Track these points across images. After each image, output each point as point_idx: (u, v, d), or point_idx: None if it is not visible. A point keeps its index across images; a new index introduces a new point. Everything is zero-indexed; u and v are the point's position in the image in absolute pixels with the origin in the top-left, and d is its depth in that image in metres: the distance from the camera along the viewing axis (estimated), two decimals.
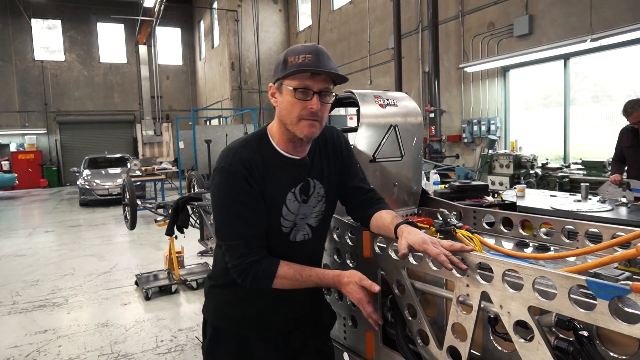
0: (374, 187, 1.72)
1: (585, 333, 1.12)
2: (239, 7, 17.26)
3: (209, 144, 10.81)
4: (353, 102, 2.12)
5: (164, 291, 5.10)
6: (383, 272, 1.59)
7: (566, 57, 7.87)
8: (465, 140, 9.83)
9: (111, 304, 4.85)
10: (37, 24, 19.97)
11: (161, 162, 15.23)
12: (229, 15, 17.30)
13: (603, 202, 3.73)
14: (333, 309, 1.82)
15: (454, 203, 2.27)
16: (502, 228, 2.01)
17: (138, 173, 11.20)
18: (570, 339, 1.16)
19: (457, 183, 2.98)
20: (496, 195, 3.75)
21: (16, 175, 16.74)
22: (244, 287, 1.47)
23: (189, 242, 5.78)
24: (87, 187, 12.67)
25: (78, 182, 13.31)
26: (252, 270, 1.42)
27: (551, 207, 3.62)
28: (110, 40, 21.19)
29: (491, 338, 1.40)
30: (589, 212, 3.40)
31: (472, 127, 9.52)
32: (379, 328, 1.59)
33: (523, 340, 1.14)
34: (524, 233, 1.93)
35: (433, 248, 1.29)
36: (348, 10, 13.83)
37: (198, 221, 4.68)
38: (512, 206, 2.74)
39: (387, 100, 2.15)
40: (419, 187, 2.35)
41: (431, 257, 1.33)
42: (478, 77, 9.49)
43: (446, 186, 3.31)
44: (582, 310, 1.00)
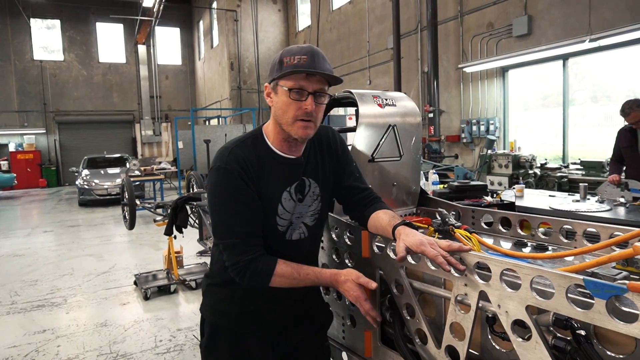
0: (373, 187, 1.73)
1: (582, 332, 1.13)
2: (238, 7, 17.27)
3: (208, 144, 10.80)
4: (352, 102, 2.13)
5: (163, 291, 5.10)
6: (381, 272, 1.59)
7: (565, 58, 7.88)
8: (464, 140, 9.84)
9: (110, 304, 4.85)
10: (36, 24, 19.95)
11: (160, 162, 15.22)
12: (228, 15, 17.30)
13: (601, 202, 3.74)
14: (330, 309, 1.83)
15: (453, 203, 2.27)
16: (501, 228, 2.01)
17: (137, 173, 11.20)
18: (567, 338, 1.16)
19: (456, 183, 2.98)
20: (495, 195, 3.75)
21: (15, 175, 16.74)
22: (242, 286, 1.47)
23: (188, 242, 5.77)
24: (86, 187, 12.65)
25: (77, 182, 13.31)
26: (250, 268, 1.43)
27: (550, 207, 3.63)
28: (109, 40, 21.17)
29: (489, 337, 1.41)
30: (588, 212, 3.41)
31: (471, 127, 9.52)
32: (378, 326, 1.60)
33: (521, 339, 1.15)
34: (523, 233, 1.93)
35: (431, 249, 1.29)
36: (347, 10, 13.83)
37: (197, 221, 4.68)
38: (511, 206, 2.74)
39: (386, 100, 2.15)
40: (418, 187, 2.35)
41: (429, 258, 1.34)
42: (477, 77, 9.50)
43: (445, 186, 3.31)
44: (580, 309, 1.01)
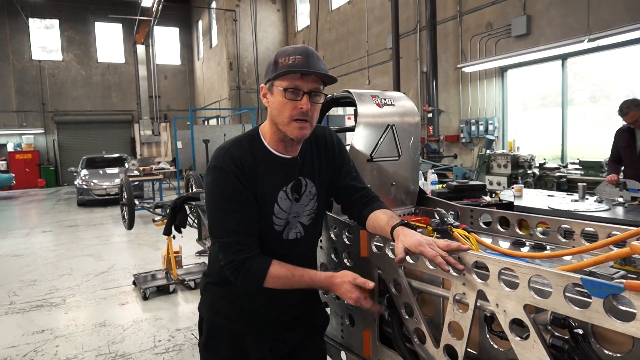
0: (372, 187, 1.73)
1: (580, 331, 1.13)
2: (237, 7, 17.27)
3: (207, 144, 10.80)
4: (350, 102, 2.13)
5: (162, 291, 5.10)
6: (380, 271, 1.59)
7: (564, 58, 7.89)
8: (463, 140, 9.85)
9: (109, 304, 4.85)
10: (35, 24, 19.93)
11: (159, 162, 15.22)
12: (227, 15, 17.30)
13: (600, 202, 3.74)
14: (327, 312, 1.84)
15: (451, 203, 2.27)
16: (499, 227, 2.01)
17: (136, 173, 11.20)
18: (565, 337, 1.16)
19: (455, 183, 2.97)
20: (494, 195, 3.75)
21: (13, 175, 16.74)
22: (237, 285, 1.48)
23: (187, 242, 5.77)
24: (85, 187, 12.64)
25: (76, 182, 13.29)
26: (245, 267, 1.43)
27: (548, 207, 3.63)
28: (108, 40, 21.16)
29: (487, 336, 1.41)
30: (586, 212, 3.41)
31: (470, 127, 9.53)
32: (383, 312, 1.59)
33: (519, 338, 1.15)
34: (521, 232, 1.93)
35: (429, 250, 1.29)
36: (346, 10, 13.83)
37: (196, 221, 4.68)
38: (510, 206, 2.74)
39: (385, 99, 2.15)
40: (416, 187, 2.36)
41: (428, 259, 1.34)
42: (476, 77, 9.51)
43: (444, 186, 3.31)
44: (577, 308, 1.01)
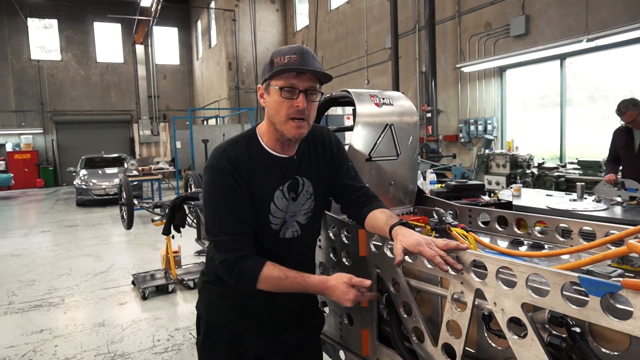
0: (370, 186, 1.73)
1: (577, 329, 1.13)
2: (237, 7, 17.26)
3: (206, 144, 10.79)
4: (349, 102, 2.13)
5: (161, 291, 5.10)
6: (379, 270, 1.60)
7: (562, 57, 7.90)
8: (462, 140, 9.85)
9: (108, 304, 4.85)
10: (34, 24, 19.90)
11: (158, 162, 15.21)
12: (226, 15, 17.29)
13: (598, 202, 3.74)
14: (324, 312, 1.85)
15: (450, 202, 2.28)
16: (497, 227, 2.02)
17: (135, 173, 11.18)
18: (563, 336, 1.17)
19: (454, 182, 2.98)
20: (492, 194, 3.75)
21: (12, 175, 16.71)
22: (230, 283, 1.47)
23: (186, 242, 5.77)
24: (84, 187, 12.62)
25: (75, 182, 13.28)
26: (238, 266, 1.43)
27: (547, 207, 3.63)
28: (107, 39, 21.13)
29: (485, 335, 1.41)
30: (585, 212, 3.42)
31: (469, 127, 9.54)
32: (377, 296, 1.60)
33: (517, 337, 1.15)
34: (519, 232, 1.94)
35: (428, 249, 1.29)
36: (345, 10, 13.84)
37: (195, 220, 4.68)
38: (508, 205, 2.75)
39: (383, 99, 2.16)
40: (415, 186, 2.36)
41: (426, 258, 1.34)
42: (475, 77, 9.52)
43: (442, 185, 3.32)
44: (575, 306, 1.01)
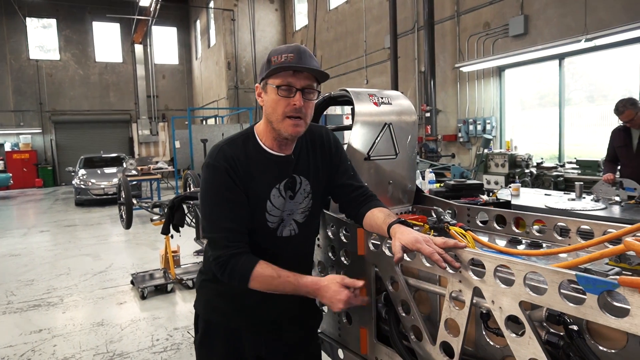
0: (369, 185, 1.74)
1: (575, 327, 1.14)
2: (235, 7, 17.25)
3: (205, 144, 10.78)
4: (348, 101, 2.13)
5: (160, 290, 5.10)
6: (377, 269, 1.60)
7: (561, 57, 7.91)
8: (461, 139, 9.86)
9: (107, 303, 4.84)
10: (32, 23, 19.86)
11: (157, 162, 15.20)
12: (225, 14, 17.28)
13: (597, 201, 3.75)
14: (322, 311, 1.85)
15: (448, 201, 2.28)
16: (496, 226, 2.02)
17: (134, 172, 11.17)
18: (560, 334, 1.17)
19: (452, 182, 2.98)
20: (491, 194, 3.76)
21: (11, 175, 16.67)
22: (223, 281, 1.48)
23: (185, 241, 5.77)
24: (83, 187, 12.60)
25: (73, 182, 13.25)
26: (231, 263, 1.43)
27: (545, 206, 3.64)
28: (105, 39, 21.09)
29: (483, 333, 1.42)
30: (583, 211, 3.42)
31: (468, 127, 9.55)
32: (368, 302, 1.61)
33: (514, 335, 1.15)
34: (517, 230, 1.94)
35: (426, 247, 1.29)
36: (344, 9, 13.84)
37: (194, 220, 4.68)
38: (507, 205, 2.75)
39: (382, 98, 2.16)
40: (414, 185, 2.36)
41: (425, 256, 1.34)
42: (474, 77, 9.53)
43: (441, 185, 3.32)
44: (572, 304, 1.01)
